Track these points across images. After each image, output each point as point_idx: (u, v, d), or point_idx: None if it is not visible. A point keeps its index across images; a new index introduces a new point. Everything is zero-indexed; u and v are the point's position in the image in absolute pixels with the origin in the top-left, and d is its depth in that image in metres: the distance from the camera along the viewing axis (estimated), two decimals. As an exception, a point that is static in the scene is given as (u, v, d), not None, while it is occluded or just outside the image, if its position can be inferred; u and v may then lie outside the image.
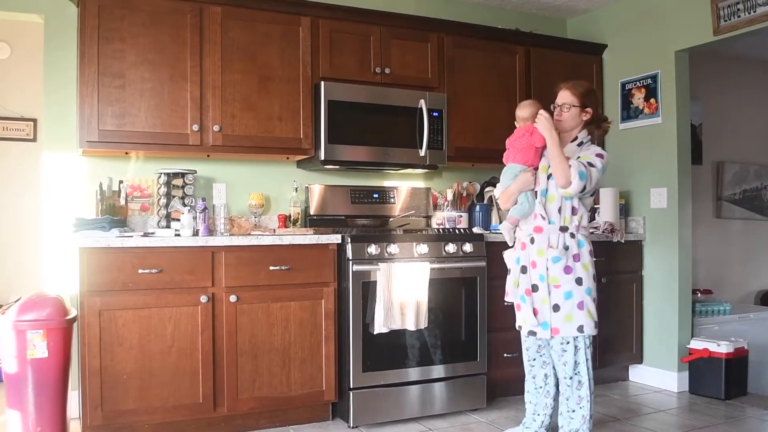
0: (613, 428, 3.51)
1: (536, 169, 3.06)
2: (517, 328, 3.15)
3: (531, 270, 3.00)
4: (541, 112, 2.99)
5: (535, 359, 3.15)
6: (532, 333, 3.04)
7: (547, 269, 2.95)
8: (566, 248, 2.94)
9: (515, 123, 3.21)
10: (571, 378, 2.98)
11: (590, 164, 2.91)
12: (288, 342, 3.40)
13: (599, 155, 2.96)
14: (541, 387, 3.16)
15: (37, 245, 3.88)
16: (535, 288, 2.99)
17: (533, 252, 3.00)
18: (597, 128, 3.09)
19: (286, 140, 3.75)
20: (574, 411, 2.99)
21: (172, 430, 3.24)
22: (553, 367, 3.10)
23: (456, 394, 3.69)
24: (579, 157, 2.93)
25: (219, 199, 3.89)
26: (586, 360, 2.98)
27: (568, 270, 2.93)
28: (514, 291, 3.09)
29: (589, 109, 3.01)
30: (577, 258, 2.95)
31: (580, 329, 2.93)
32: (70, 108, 3.61)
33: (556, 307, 2.94)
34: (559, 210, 2.97)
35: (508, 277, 3.16)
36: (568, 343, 2.97)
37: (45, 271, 3.68)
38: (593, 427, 3.46)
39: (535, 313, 2.99)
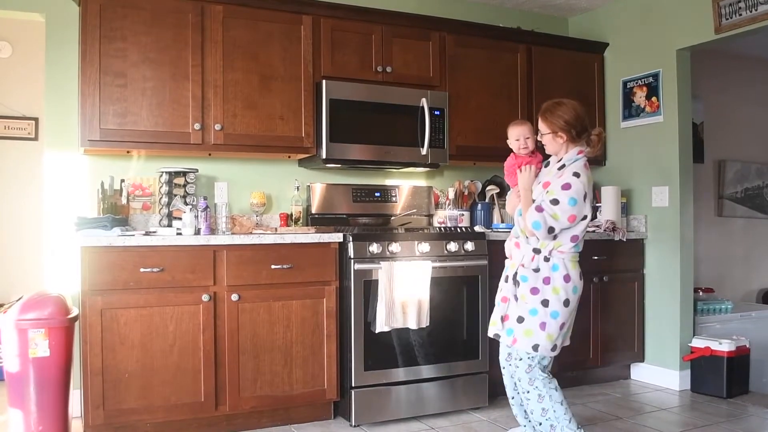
0: (614, 427, 3.51)
1: None
2: (488, 334, 3.20)
3: (510, 280, 3.04)
4: (524, 167, 3.04)
5: (504, 367, 3.13)
6: (497, 336, 3.09)
7: (516, 284, 2.98)
8: (536, 270, 2.92)
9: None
10: (528, 392, 2.96)
11: (554, 201, 2.84)
12: (290, 341, 3.40)
13: (565, 186, 2.84)
14: (512, 398, 3.15)
15: (39, 244, 3.88)
16: (511, 298, 3.02)
17: (509, 266, 3.09)
18: (587, 142, 3.03)
19: (287, 139, 3.75)
20: (540, 424, 2.96)
21: (173, 429, 3.24)
22: None
23: (458, 393, 3.69)
24: (548, 192, 2.89)
25: (220, 197, 3.89)
26: (542, 377, 2.93)
27: (534, 291, 2.91)
28: (498, 296, 3.16)
29: (560, 134, 2.96)
30: (546, 281, 2.90)
31: (535, 348, 2.90)
32: (71, 107, 3.61)
33: (520, 319, 2.94)
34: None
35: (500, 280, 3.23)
36: (521, 359, 2.95)
37: (47, 270, 3.68)
38: (593, 425, 3.47)
39: (504, 319, 3.03)
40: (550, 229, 2.84)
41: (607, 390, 4.25)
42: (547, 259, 2.91)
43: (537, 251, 2.93)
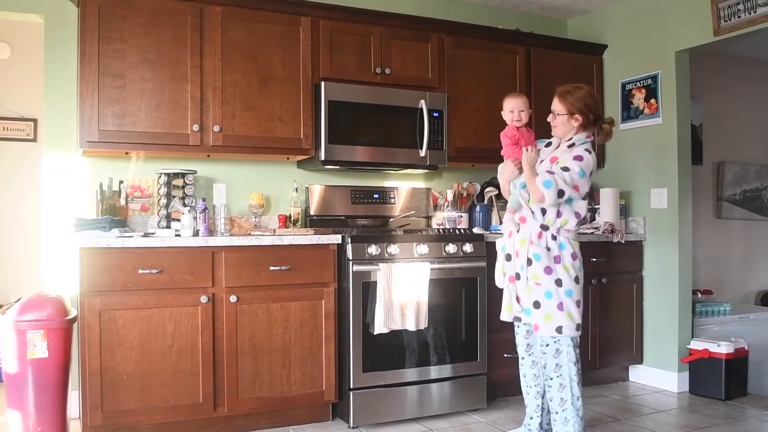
0: (612, 428, 3.51)
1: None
2: (501, 319, 3.17)
3: (515, 258, 3.03)
4: (530, 147, 3.03)
5: (524, 357, 3.16)
6: (517, 319, 3.08)
7: (528, 262, 2.96)
8: (548, 249, 2.94)
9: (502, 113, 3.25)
10: (551, 379, 2.98)
11: (564, 168, 2.88)
12: (288, 342, 3.40)
13: (577, 157, 2.91)
14: (531, 387, 3.16)
15: (38, 245, 3.88)
16: (518, 276, 3.01)
17: (517, 241, 3.03)
18: (599, 130, 3.07)
19: (286, 140, 3.75)
20: (557, 413, 2.98)
21: (172, 430, 3.24)
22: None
23: (456, 395, 3.69)
24: (558, 163, 2.92)
25: (219, 199, 3.89)
26: (570, 362, 2.96)
27: (548, 270, 2.93)
28: (500, 278, 3.15)
29: (577, 116, 2.99)
30: (557, 260, 2.94)
31: (559, 330, 2.92)
32: (70, 108, 3.62)
33: (536, 304, 2.95)
34: (543, 211, 2.97)
35: (496, 263, 3.21)
36: (547, 345, 2.98)
37: (45, 271, 3.68)
38: (592, 427, 3.47)
39: (518, 300, 3.03)
40: (560, 193, 2.85)
41: (606, 392, 4.25)
42: (554, 237, 2.95)
43: (545, 228, 2.95)
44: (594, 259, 4.17)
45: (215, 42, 3.58)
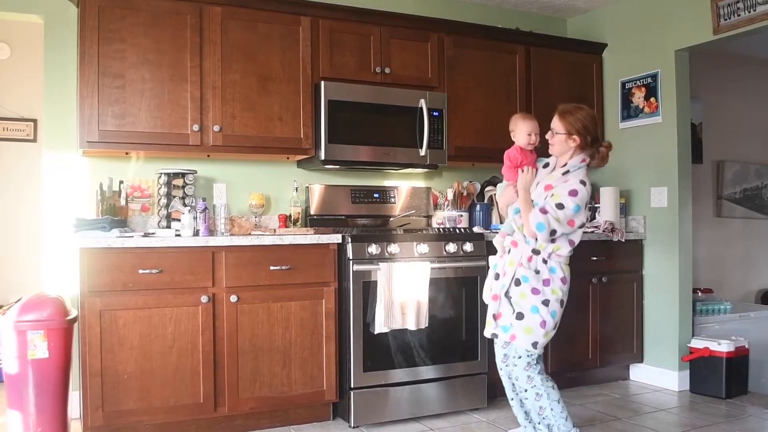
0: (613, 427, 3.51)
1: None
2: (484, 334, 3.17)
3: (501, 278, 3.03)
4: (526, 168, 3.03)
5: (502, 369, 3.12)
6: (494, 335, 3.06)
7: (515, 283, 2.95)
8: (536, 272, 2.93)
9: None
10: (526, 391, 2.98)
11: (559, 206, 2.86)
12: (288, 342, 3.40)
13: (572, 192, 2.87)
14: (512, 399, 3.13)
15: (38, 246, 3.88)
16: (506, 294, 3.00)
17: (506, 262, 3.03)
18: (595, 153, 3.03)
19: (286, 140, 3.75)
20: (539, 423, 2.98)
21: (172, 430, 3.24)
22: None
23: (457, 394, 3.69)
24: (553, 195, 2.89)
25: (219, 199, 3.89)
26: (539, 372, 2.96)
27: (535, 291, 2.92)
28: (487, 293, 3.13)
29: (575, 137, 2.96)
30: (546, 283, 2.93)
31: (534, 345, 2.91)
32: (70, 108, 3.61)
33: (520, 316, 2.93)
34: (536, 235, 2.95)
35: (486, 278, 3.20)
36: (519, 357, 2.97)
37: (45, 272, 3.68)
38: (592, 426, 3.47)
39: (496, 317, 3.01)
40: (552, 232, 2.84)
41: (606, 391, 4.25)
42: (545, 261, 2.93)
43: (536, 252, 2.94)
44: (594, 258, 4.17)
45: (215, 42, 3.58)
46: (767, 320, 4.89)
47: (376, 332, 3.41)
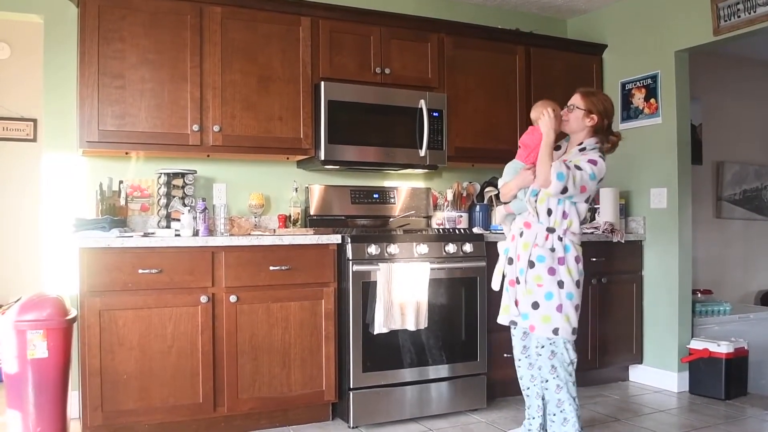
0: (612, 428, 3.51)
1: None
2: (498, 321, 3.19)
3: (516, 262, 3.04)
4: (547, 110, 3.02)
5: (520, 359, 3.17)
6: (513, 323, 3.10)
7: (530, 265, 2.97)
8: (552, 250, 2.95)
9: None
10: (547, 381, 2.99)
11: (577, 167, 2.90)
12: (288, 342, 3.40)
13: (591, 161, 2.93)
14: (528, 388, 3.17)
15: (37, 245, 3.88)
16: (518, 280, 3.03)
17: (519, 245, 3.04)
18: (606, 139, 3.08)
19: (286, 140, 3.75)
20: (555, 414, 3.00)
21: (171, 431, 3.23)
22: None
23: (456, 394, 3.69)
24: (571, 161, 2.95)
25: (219, 199, 3.89)
26: (564, 364, 2.96)
27: (551, 271, 2.93)
28: (497, 280, 3.17)
29: (593, 116, 3.00)
30: (561, 261, 2.95)
31: (555, 332, 2.91)
32: (70, 108, 3.61)
33: (535, 305, 2.95)
34: (549, 212, 2.99)
35: (497, 264, 3.22)
36: (542, 347, 2.98)
37: (45, 272, 3.68)
38: (592, 427, 3.48)
39: (516, 303, 3.04)
40: (565, 189, 2.88)
41: (606, 392, 4.25)
42: (560, 239, 2.97)
43: (551, 230, 2.97)
44: (594, 259, 4.17)
45: (215, 42, 3.58)
46: (767, 321, 4.89)
47: (375, 333, 3.41)
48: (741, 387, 4.16)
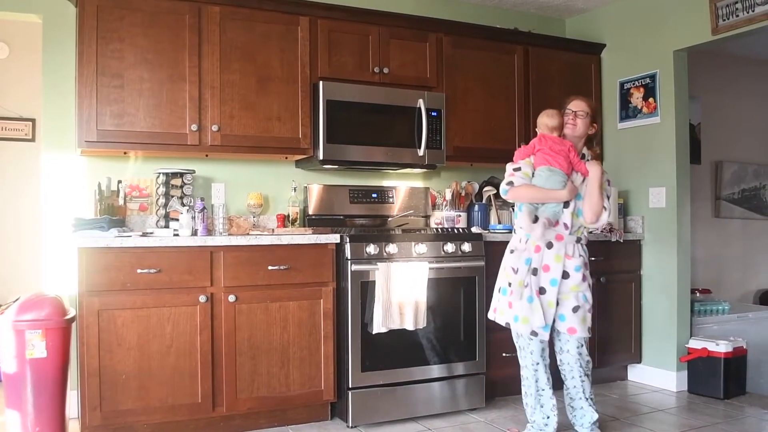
0: (612, 428, 3.51)
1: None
2: (504, 324, 3.20)
3: (542, 273, 3.07)
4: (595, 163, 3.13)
5: (538, 363, 3.17)
6: (534, 333, 3.07)
7: (564, 275, 3.07)
8: (580, 256, 3.12)
9: (536, 129, 3.21)
10: (587, 375, 3.17)
11: (608, 197, 3.14)
12: (287, 342, 3.40)
13: (608, 181, 3.20)
14: (543, 390, 3.18)
15: (36, 245, 3.88)
16: (542, 291, 3.06)
17: (549, 257, 3.07)
18: (590, 148, 3.25)
19: (284, 140, 3.75)
20: (592, 398, 3.21)
21: (170, 430, 3.24)
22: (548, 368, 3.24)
23: (455, 394, 3.69)
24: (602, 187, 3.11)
25: (218, 198, 3.89)
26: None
27: (584, 278, 3.12)
28: (519, 291, 3.06)
29: (595, 125, 3.18)
30: (587, 266, 3.15)
31: (589, 330, 3.15)
32: (68, 108, 3.61)
33: (576, 309, 3.08)
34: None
35: (501, 272, 3.25)
36: (582, 345, 3.14)
37: (44, 271, 3.67)
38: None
39: (543, 313, 3.07)
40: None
41: (605, 391, 4.25)
42: (583, 246, 3.17)
43: (578, 240, 3.14)
44: (592, 259, 4.13)
45: (213, 42, 3.58)
46: (765, 321, 4.90)
47: (374, 332, 3.41)
48: (740, 386, 4.16)
